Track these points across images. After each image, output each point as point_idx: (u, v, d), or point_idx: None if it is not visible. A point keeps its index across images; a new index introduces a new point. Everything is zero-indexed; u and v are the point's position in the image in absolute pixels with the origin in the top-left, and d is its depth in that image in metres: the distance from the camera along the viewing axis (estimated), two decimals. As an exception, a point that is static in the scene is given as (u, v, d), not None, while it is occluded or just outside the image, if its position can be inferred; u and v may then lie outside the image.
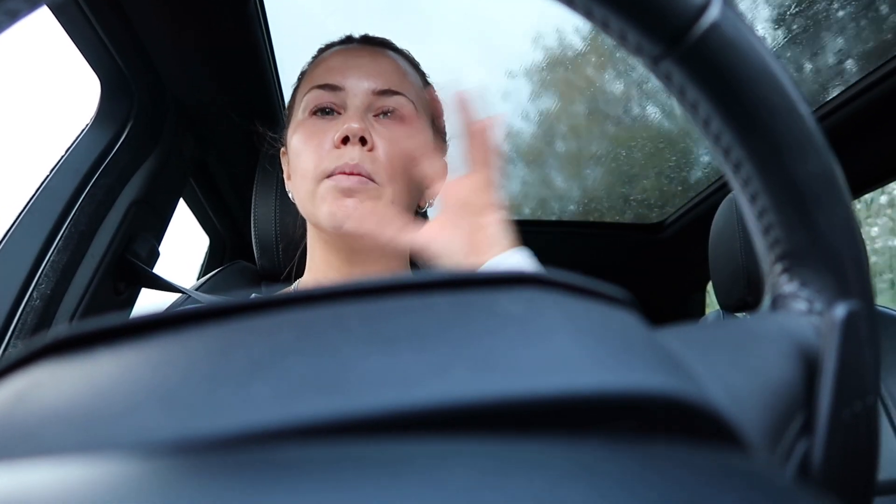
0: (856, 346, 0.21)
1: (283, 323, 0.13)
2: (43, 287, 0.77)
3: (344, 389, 0.11)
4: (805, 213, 0.23)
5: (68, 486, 0.09)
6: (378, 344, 0.13)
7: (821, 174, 0.23)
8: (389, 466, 0.10)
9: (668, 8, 0.21)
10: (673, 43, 0.22)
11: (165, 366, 0.12)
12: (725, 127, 0.23)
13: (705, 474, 0.11)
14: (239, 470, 0.10)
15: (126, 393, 0.12)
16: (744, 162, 0.23)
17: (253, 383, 0.12)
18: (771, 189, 0.23)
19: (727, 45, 0.22)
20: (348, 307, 0.14)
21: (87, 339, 0.14)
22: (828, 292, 0.24)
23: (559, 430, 0.12)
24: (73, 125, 0.90)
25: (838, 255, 0.24)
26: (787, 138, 0.22)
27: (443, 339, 0.13)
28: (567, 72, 1.53)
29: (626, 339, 0.14)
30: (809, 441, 0.20)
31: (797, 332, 0.22)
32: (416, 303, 0.14)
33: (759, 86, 0.22)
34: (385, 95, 0.66)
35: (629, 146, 1.73)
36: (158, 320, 0.14)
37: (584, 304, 0.15)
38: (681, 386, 0.13)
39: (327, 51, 0.72)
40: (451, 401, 0.11)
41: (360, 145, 0.63)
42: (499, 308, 0.14)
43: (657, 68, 0.23)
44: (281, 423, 0.11)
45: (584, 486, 0.10)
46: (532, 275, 0.15)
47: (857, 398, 0.21)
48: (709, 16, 0.21)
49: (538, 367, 0.12)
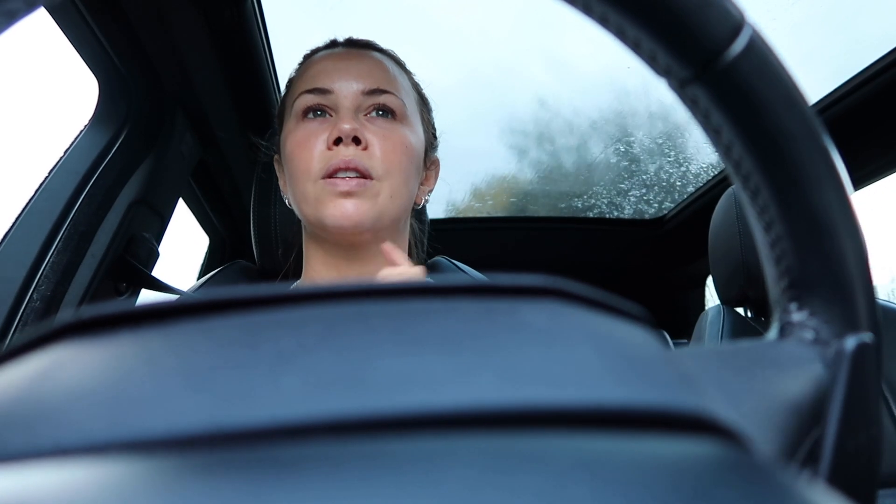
0: (863, 378, 0.21)
1: (309, 317, 0.13)
2: (43, 288, 0.77)
3: (372, 387, 0.12)
4: (819, 243, 0.23)
5: (87, 479, 0.09)
6: (405, 345, 0.13)
7: (838, 206, 0.23)
8: (412, 464, 0.10)
9: (701, 31, 0.21)
10: (703, 67, 0.22)
11: (192, 353, 0.12)
12: (747, 154, 0.23)
13: (709, 468, 0.11)
14: (264, 465, 0.10)
15: (154, 377, 0.12)
16: (762, 189, 0.23)
17: (282, 376, 0.12)
18: (787, 218, 0.24)
19: (755, 72, 0.22)
20: (373, 306, 0.14)
21: (110, 321, 0.14)
22: (836, 323, 0.24)
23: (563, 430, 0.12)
24: (72, 126, 0.89)
25: (849, 287, 0.24)
26: (808, 169, 0.23)
27: (469, 344, 0.13)
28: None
29: (646, 357, 0.14)
30: (815, 469, 0.20)
31: (805, 361, 0.23)
32: (439, 306, 0.14)
33: (784, 115, 0.22)
34: (374, 94, 0.67)
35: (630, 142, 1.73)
36: (181, 306, 0.14)
37: (604, 319, 0.15)
38: (699, 404, 0.13)
39: (313, 56, 0.73)
40: (479, 406, 0.11)
41: (354, 145, 0.63)
42: (523, 318, 0.14)
43: (683, 92, 0.23)
44: (311, 417, 0.11)
45: (587, 483, 0.10)
46: (553, 286, 0.15)
47: (862, 429, 0.21)
48: (740, 42, 0.21)
49: (564, 379, 0.12)
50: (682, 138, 1.72)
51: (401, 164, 0.65)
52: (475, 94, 1.57)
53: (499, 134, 1.75)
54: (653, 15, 0.21)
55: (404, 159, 0.66)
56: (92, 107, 0.92)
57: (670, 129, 1.71)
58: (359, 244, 0.67)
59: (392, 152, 0.65)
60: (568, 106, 1.68)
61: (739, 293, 1.13)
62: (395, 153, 0.65)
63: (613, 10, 0.22)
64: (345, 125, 0.63)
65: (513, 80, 1.62)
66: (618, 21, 0.22)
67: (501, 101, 1.66)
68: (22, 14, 0.21)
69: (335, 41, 0.74)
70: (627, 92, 1.62)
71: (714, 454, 0.12)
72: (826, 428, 0.20)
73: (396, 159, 0.65)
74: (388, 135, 0.66)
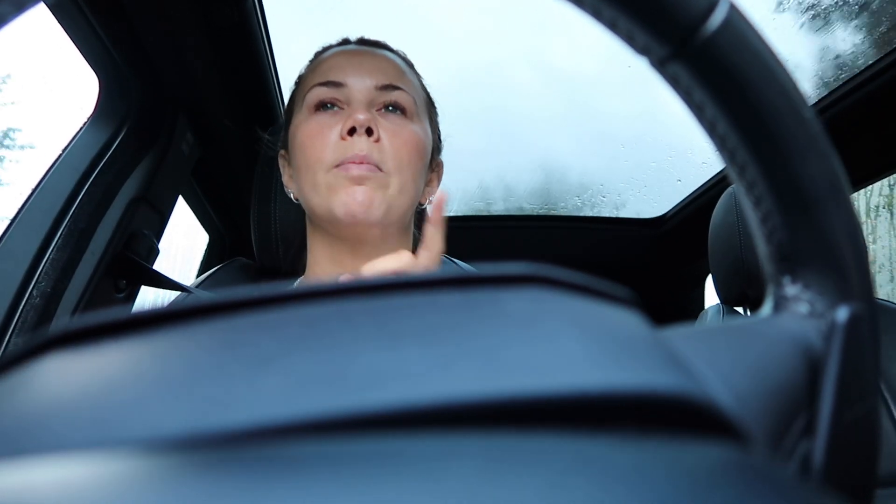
0: (858, 348, 0.21)
1: (290, 318, 0.14)
2: (43, 285, 0.77)
3: (351, 385, 0.11)
4: (808, 215, 0.23)
5: (75, 481, 0.09)
6: (385, 340, 0.13)
7: (824, 177, 0.23)
8: (394, 462, 0.10)
9: (677, 8, 0.21)
10: (681, 44, 0.22)
11: (172, 359, 0.13)
12: (731, 129, 0.23)
13: (707, 467, 0.11)
14: (245, 466, 0.10)
15: (134, 385, 0.12)
16: (749, 164, 0.23)
17: (259, 378, 0.12)
18: (775, 191, 0.24)
19: (735, 47, 0.22)
20: (354, 303, 0.14)
21: (93, 332, 0.14)
22: (830, 295, 0.24)
23: (562, 427, 0.12)
24: (73, 123, 0.89)
25: (841, 258, 0.24)
26: (792, 141, 0.23)
27: (449, 337, 0.13)
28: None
29: (632, 339, 0.14)
30: (811, 442, 0.20)
31: (799, 334, 0.22)
32: (421, 300, 0.14)
33: (765, 88, 0.22)
34: (387, 90, 0.68)
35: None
36: (163, 314, 0.14)
37: (588, 303, 0.15)
38: (687, 385, 0.13)
39: (324, 53, 0.73)
40: (458, 399, 0.11)
41: (367, 136, 0.64)
42: (504, 306, 0.14)
43: (664, 69, 0.23)
44: (288, 418, 0.11)
45: (586, 481, 0.10)
46: (536, 273, 0.15)
47: (858, 400, 0.21)
48: (716, 16, 0.21)
49: (544, 367, 0.12)
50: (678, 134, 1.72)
51: (411, 160, 0.66)
52: (470, 91, 1.56)
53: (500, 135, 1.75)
54: None
55: (414, 155, 0.66)
56: (92, 104, 0.91)
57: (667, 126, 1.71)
58: (365, 239, 0.67)
59: (403, 147, 0.66)
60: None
61: (739, 292, 1.13)
62: (405, 148, 0.66)
63: None
64: (359, 115, 0.63)
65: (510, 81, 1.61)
66: (593, 3, 0.22)
67: (499, 100, 1.66)
68: (22, 10, 0.21)
69: (347, 39, 0.75)
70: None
71: (710, 452, 0.12)
72: (821, 400, 0.20)
73: (407, 154, 0.66)
74: (399, 130, 0.66)
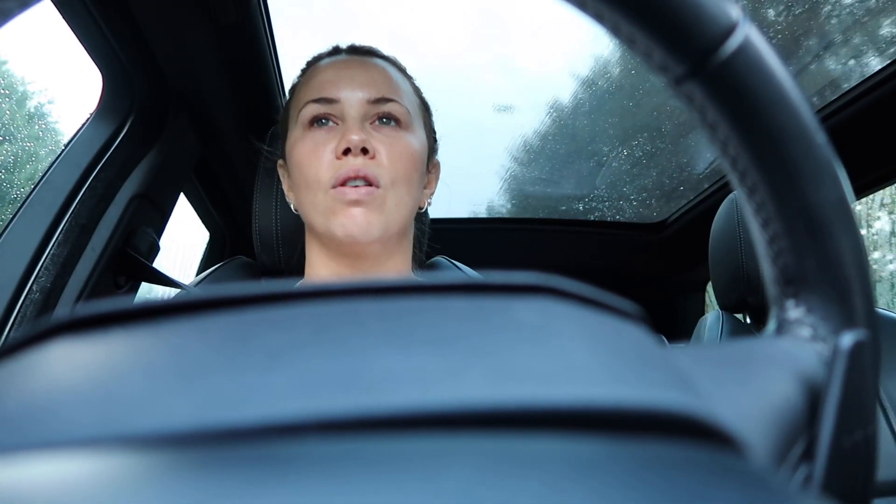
0: (859, 375, 0.21)
1: (301, 315, 0.13)
2: (43, 280, 0.77)
3: (363, 386, 0.11)
4: (816, 240, 0.23)
5: (78, 475, 0.09)
6: (396, 344, 0.13)
7: (833, 202, 0.23)
8: (399, 463, 0.10)
9: (695, 29, 0.21)
10: (698, 64, 0.22)
11: (182, 351, 0.12)
12: (743, 150, 0.23)
13: (708, 473, 0.11)
14: (250, 463, 0.10)
15: (144, 376, 0.12)
16: (759, 186, 0.23)
17: (272, 375, 0.12)
18: (784, 215, 0.24)
19: (751, 69, 0.22)
20: (364, 304, 0.14)
21: (102, 319, 0.14)
22: (833, 320, 0.24)
23: (564, 432, 0.12)
24: (76, 118, 0.89)
25: (846, 284, 0.24)
26: (803, 165, 0.23)
27: (460, 343, 0.13)
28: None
29: (640, 355, 0.14)
30: (810, 467, 0.20)
31: (801, 358, 0.22)
32: (433, 305, 0.14)
33: (780, 111, 0.22)
34: (379, 103, 0.68)
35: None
36: (173, 305, 0.14)
37: (597, 316, 0.15)
38: (692, 403, 0.13)
39: (316, 64, 0.74)
40: (468, 406, 0.11)
41: (362, 155, 0.65)
42: (514, 316, 0.14)
43: (680, 88, 0.23)
44: (300, 416, 0.11)
45: (583, 485, 0.10)
46: (545, 284, 0.15)
47: (858, 427, 0.21)
48: (734, 39, 0.21)
49: (554, 378, 0.12)
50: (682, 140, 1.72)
51: (406, 173, 0.67)
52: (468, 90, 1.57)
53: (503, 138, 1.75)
54: (646, 13, 0.21)
55: (409, 167, 0.67)
56: (96, 100, 0.92)
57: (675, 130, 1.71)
58: (365, 254, 0.69)
59: (398, 160, 0.66)
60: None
61: (739, 299, 1.13)
62: (400, 161, 0.66)
63: (608, 7, 0.22)
64: (353, 136, 0.64)
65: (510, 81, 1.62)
66: (612, 18, 0.22)
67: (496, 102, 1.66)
68: (25, 7, 0.21)
69: (338, 48, 0.75)
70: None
71: (711, 459, 0.12)
72: (821, 425, 0.20)
73: (402, 167, 0.66)
74: (393, 143, 0.67)
